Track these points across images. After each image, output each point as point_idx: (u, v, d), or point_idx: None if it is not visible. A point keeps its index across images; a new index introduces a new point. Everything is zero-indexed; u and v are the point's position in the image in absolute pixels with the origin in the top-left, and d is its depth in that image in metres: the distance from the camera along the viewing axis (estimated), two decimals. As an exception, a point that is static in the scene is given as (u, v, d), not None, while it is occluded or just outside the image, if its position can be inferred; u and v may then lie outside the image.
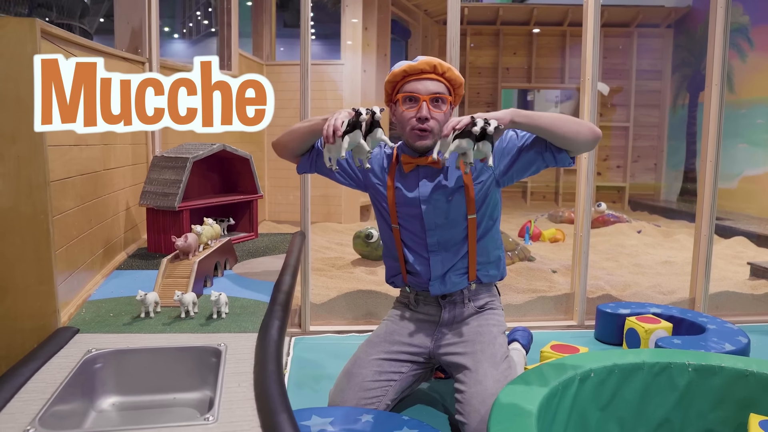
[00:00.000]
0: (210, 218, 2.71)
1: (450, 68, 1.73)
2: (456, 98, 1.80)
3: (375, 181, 1.88)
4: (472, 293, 1.89)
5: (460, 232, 1.82)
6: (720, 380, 1.81)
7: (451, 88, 1.76)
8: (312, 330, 2.86)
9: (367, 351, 1.87)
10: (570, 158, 1.69)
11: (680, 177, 7.42)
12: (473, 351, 1.79)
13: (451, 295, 1.88)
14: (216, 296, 1.62)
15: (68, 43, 1.81)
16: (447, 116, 1.75)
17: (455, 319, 1.89)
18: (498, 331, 1.86)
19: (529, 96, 10.62)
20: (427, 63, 1.71)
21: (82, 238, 1.89)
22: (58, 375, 1.26)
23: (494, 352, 1.78)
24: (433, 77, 1.72)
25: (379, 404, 1.78)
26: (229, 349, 1.41)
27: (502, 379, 1.71)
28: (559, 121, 1.62)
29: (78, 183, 1.86)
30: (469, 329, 1.86)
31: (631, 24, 7.74)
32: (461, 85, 1.77)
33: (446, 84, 1.74)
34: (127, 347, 1.42)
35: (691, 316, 2.69)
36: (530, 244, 5.06)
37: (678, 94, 7.60)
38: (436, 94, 1.71)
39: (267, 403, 1.07)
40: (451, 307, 1.89)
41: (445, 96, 1.72)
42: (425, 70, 1.71)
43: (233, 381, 1.23)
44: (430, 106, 1.70)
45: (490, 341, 1.81)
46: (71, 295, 1.75)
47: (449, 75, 1.73)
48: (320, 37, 17.47)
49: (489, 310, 1.91)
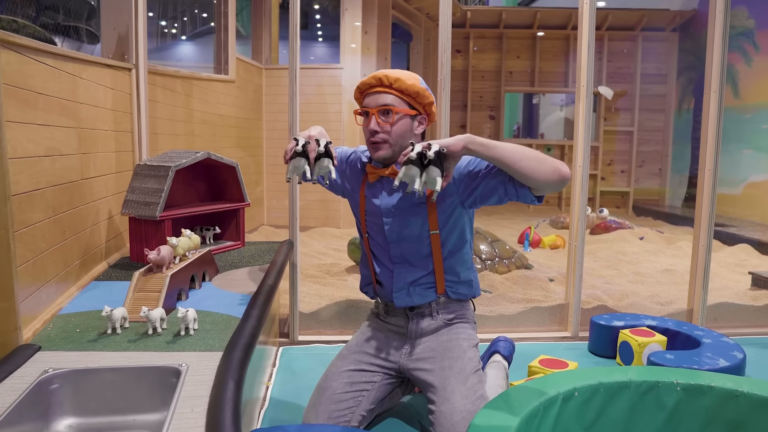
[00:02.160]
0: (195, 227, 2.68)
1: (398, 78, 1.70)
2: (422, 106, 1.75)
3: (349, 187, 1.89)
4: (441, 306, 1.86)
5: (423, 247, 1.79)
6: (709, 400, 1.75)
7: (408, 97, 1.73)
8: (300, 340, 2.81)
9: (338, 364, 1.86)
10: (533, 196, 1.61)
11: (685, 182, 7.33)
12: (441, 368, 1.76)
13: (419, 307, 1.85)
14: (183, 312, 1.57)
15: (38, 53, 1.78)
16: (405, 126, 1.73)
17: (423, 332, 1.86)
18: (468, 345, 1.82)
19: (534, 99, 10.55)
20: (373, 77, 1.72)
21: (54, 250, 1.85)
22: (8, 397, 1.22)
23: (463, 367, 1.75)
24: (381, 90, 1.71)
25: (352, 416, 1.76)
26: (190, 369, 1.36)
27: (470, 395, 1.68)
28: (517, 154, 1.53)
29: (49, 194, 1.83)
30: (438, 344, 1.82)
31: (635, 27, 7.65)
32: (418, 93, 1.72)
33: (397, 95, 1.71)
34: (87, 367, 1.38)
35: (687, 329, 2.62)
36: (530, 250, 5.00)
37: (683, 98, 7.50)
38: (383, 106, 1.71)
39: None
40: (419, 320, 1.86)
41: (392, 107, 1.70)
42: (372, 84, 1.72)
43: (187, 405, 1.18)
44: (378, 119, 1.71)
45: (458, 356, 1.78)
46: (39, 309, 1.71)
47: (398, 85, 1.70)
48: (324, 40, 17.48)
49: (459, 323, 1.87)
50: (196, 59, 16.46)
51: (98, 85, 2.42)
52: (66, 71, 2.05)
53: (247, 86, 5.34)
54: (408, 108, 1.73)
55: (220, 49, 4.93)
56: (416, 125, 1.76)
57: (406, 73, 1.74)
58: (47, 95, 1.86)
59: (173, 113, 3.65)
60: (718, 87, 2.87)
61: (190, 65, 14.71)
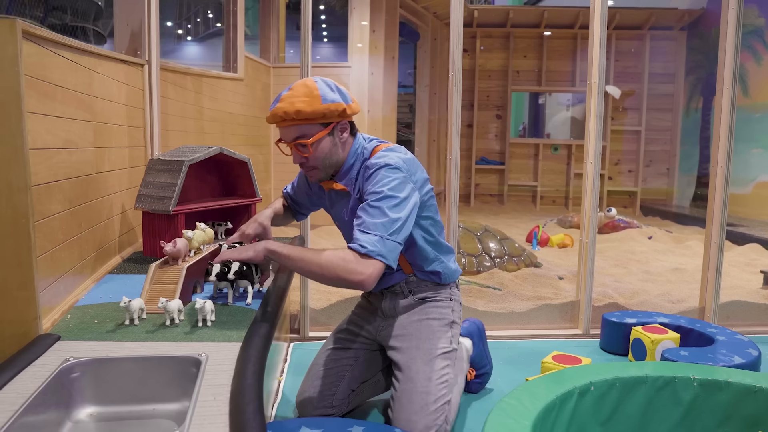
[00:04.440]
0: (207, 222, 2.68)
1: (299, 110, 1.58)
2: (335, 116, 1.64)
3: (320, 194, 1.92)
4: (413, 285, 1.84)
5: None
6: (727, 396, 1.74)
7: (317, 119, 1.62)
8: (311, 336, 2.81)
9: (324, 345, 1.98)
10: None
11: (693, 182, 7.30)
12: (408, 347, 1.78)
13: (392, 287, 1.86)
14: (201, 304, 1.57)
15: (55, 44, 1.78)
16: (327, 146, 1.67)
17: (397, 310, 1.86)
18: (438, 325, 1.81)
19: (540, 99, 10.54)
20: (273, 115, 1.62)
21: (70, 242, 1.85)
22: (31, 384, 1.22)
23: (430, 348, 1.76)
24: (288, 123, 1.63)
25: (336, 389, 1.85)
26: (210, 359, 1.36)
27: (435, 378, 1.70)
28: (305, 263, 1.53)
29: (66, 186, 1.83)
30: (410, 323, 1.83)
31: (643, 26, 7.64)
32: (324, 114, 1.61)
33: (306, 123, 1.62)
34: (107, 356, 1.38)
35: (700, 326, 2.61)
36: (538, 249, 4.99)
37: (691, 97, 7.48)
38: (296, 140, 1.64)
39: (239, 420, 1.02)
40: (392, 297, 1.86)
41: (304, 141, 1.62)
42: (277, 120, 1.63)
43: (209, 394, 1.18)
44: (298, 152, 1.66)
45: (427, 337, 1.78)
46: (57, 300, 1.72)
47: (302, 116, 1.59)
48: (332, 40, 17.51)
49: (431, 302, 1.85)
50: (204, 60, 16.52)
51: (112, 80, 2.42)
52: (82, 65, 2.06)
53: (255, 84, 5.35)
54: (321, 128, 1.64)
55: (229, 48, 4.94)
56: (339, 133, 1.69)
57: (304, 92, 1.61)
58: (65, 88, 1.86)
59: (184, 110, 3.66)
60: (730, 84, 2.86)
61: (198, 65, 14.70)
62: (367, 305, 1.98)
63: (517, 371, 2.39)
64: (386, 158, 1.64)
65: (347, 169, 1.73)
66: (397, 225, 1.55)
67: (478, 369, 2.17)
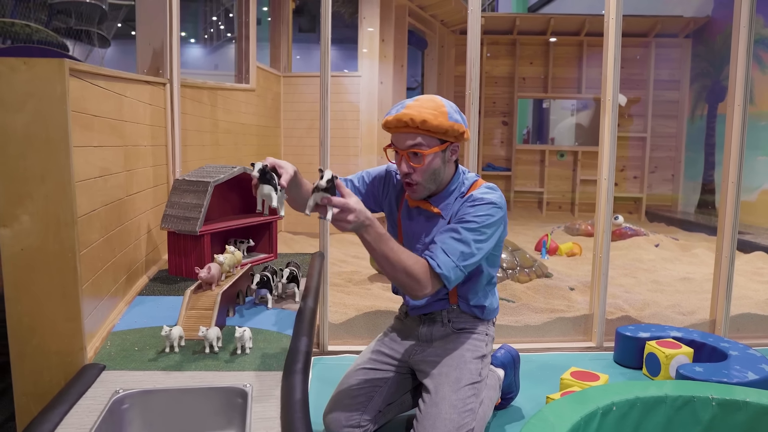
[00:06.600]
0: (229, 240, 2.73)
1: (425, 120, 1.62)
2: (454, 137, 1.71)
3: (391, 201, 1.94)
4: (453, 315, 1.91)
5: None
6: (745, 416, 1.79)
7: (437, 134, 1.67)
8: (330, 350, 2.86)
9: (356, 363, 1.99)
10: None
11: (698, 189, 7.34)
12: (438, 373, 1.82)
13: (432, 314, 1.92)
14: (240, 333, 1.62)
15: (95, 76, 1.83)
16: (437, 164, 1.71)
17: (433, 337, 1.92)
18: (471, 356, 1.86)
19: (544, 104, 10.57)
20: (398, 119, 1.65)
21: (107, 268, 1.91)
22: (87, 419, 1.27)
23: (459, 377, 1.79)
24: (409, 131, 1.67)
25: (365, 409, 1.86)
26: (254, 389, 1.41)
27: (459, 405, 1.73)
28: (393, 253, 1.58)
29: (102, 214, 1.88)
30: (444, 351, 1.87)
31: (649, 34, 7.68)
32: (447, 131, 1.66)
33: (426, 134, 1.67)
34: (154, 387, 1.43)
35: (713, 340, 2.66)
36: (547, 258, 5.04)
37: (696, 104, 7.52)
38: (411, 148, 1.68)
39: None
40: (430, 324, 1.92)
41: (420, 150, 1.67)
42: (399, 125, 1.67)
43: (260, 426, 1.24)
44: (410, 161, 1.70)
45: (457, 365, 1.82)
46: (97, 327, 1.77)
47: (426, 126, 1.64)
48: (333, 42, 17.50)
49: (467, 333, 1.91)
50: (212, 69, 16.60)
51: (139, 102, 2.47)
52: (114, 91, 2.11)
53: (266, 94, 5.40)
54: (438, 144, 1.70)
55: (242, 58, 4.99)
56: (449, 155, 1.75)
57: (432, 106, 1.66)
58: (100, 117, 1.92)
59: (201, 124, 3.71)
60: (742, 101, 2.91)
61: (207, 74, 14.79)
62: (402, 328, 2.02)
63: (536, 386, 2.44)
64: (492, 196, 1.73)
65: (446, 194, 1.80)
66: (472, 258, 1.67)
67: (504, 395, 2.23)
